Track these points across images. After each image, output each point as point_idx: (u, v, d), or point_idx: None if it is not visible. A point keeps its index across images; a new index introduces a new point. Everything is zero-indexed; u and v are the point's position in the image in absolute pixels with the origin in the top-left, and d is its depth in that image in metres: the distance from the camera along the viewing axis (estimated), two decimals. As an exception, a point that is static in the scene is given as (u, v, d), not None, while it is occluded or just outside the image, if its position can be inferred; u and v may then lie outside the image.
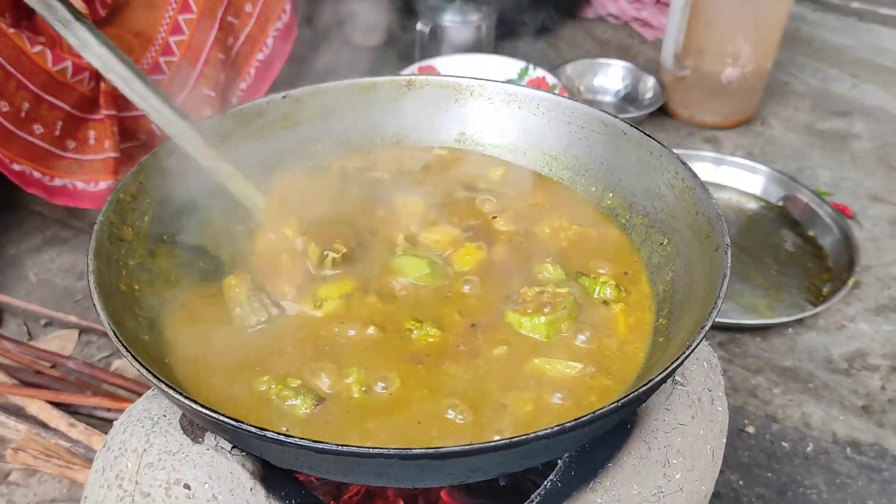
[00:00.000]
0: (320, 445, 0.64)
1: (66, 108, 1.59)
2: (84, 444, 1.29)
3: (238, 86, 1.81)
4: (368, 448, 0.64)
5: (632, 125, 1.01)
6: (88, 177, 1.67)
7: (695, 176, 0.92)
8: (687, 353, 0.70)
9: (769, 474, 1.46)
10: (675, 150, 1.02)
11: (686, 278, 0.90)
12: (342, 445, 0.64)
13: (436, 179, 1.11)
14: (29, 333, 1.68)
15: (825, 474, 1.47)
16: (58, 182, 1.66)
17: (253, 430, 0.65)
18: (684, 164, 0.94)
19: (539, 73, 2.36)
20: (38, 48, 1.49)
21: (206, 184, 0.99)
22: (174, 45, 1.71)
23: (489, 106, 1.13)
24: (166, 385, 0.68)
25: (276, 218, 0.98)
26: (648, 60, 2.70)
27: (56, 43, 1.54)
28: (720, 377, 0.93)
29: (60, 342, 1.66)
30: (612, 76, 2.54)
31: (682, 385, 0.87)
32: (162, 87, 1.69)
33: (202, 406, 0.66)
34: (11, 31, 1.46)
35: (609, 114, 1.04)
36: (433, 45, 2.47)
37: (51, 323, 1.71)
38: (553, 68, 2.46)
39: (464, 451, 0.64)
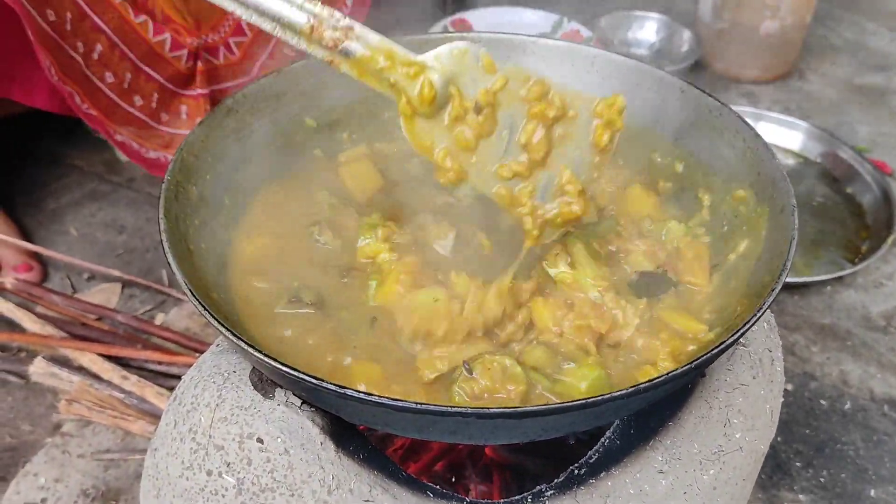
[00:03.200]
0: (400, 403, 0.65)
1: (162, 80, 1.62)
2: (137, 395, 1.31)
3: None
4: (447, 406, 0.65)
5: (690, 83, 1.00)
6: None
7: (757, 135, 0.92)
8: (759, 314, 0.71)
9: (807, 431, 1.48)
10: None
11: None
12: (421, 404, 0.65)
13: None
14: (73, 287, 1.71)
15: (862, 431, 1.48)
16: (152, 154, 1.70)
17: (333, 387, 0.66)
18: (746, 123, 0.94)
19: (573, 25, 2.33)
20: (141, 18, 1.53)
21: (264, 140, 1.00)
22: None
23: (542, 63, 1.12)
24: (246, 344, 0.69)
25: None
26: (682, 12, 2.65)
27: (154, 15, 1.57)
28: (777, 338, 0.94)
29: (104, 296, 1.68)
30: (646, 29, 2.51)
31: (743, 346, 0.88)
32: (242, 48, 1.73)
33: (284, 365, 0.67)
34: (118, 0, 1.49)
35: (666, 71, 1.03)
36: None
37: (93, 277, 1.73)
38: (587, 20, 2.42)
39: (540, 411, 0.65)
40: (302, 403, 0.80)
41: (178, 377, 1.38)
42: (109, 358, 1.39)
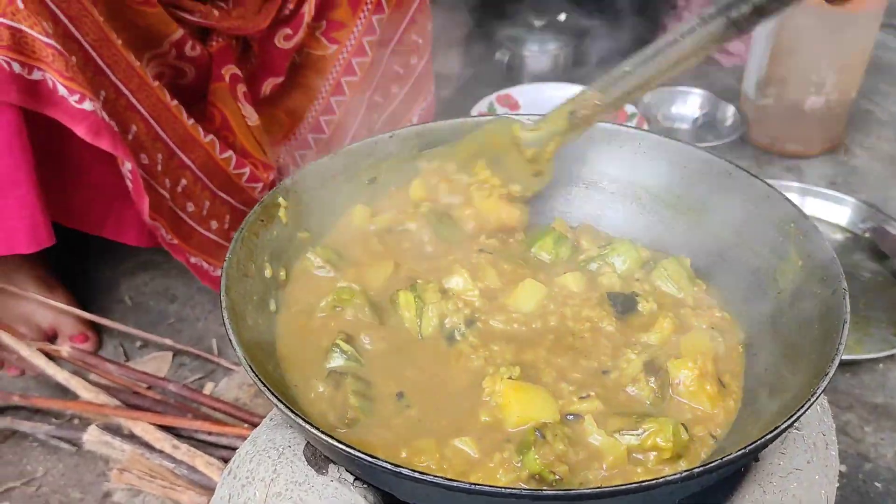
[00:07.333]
0: (455, 484, 0.66)
1: (235, 203, 1.67)
2: (188, 464, 1.33)
3: None
4: (501, 488, 0.66)
5: (738, 166, 1.02)
6: None
7: (806, 218, 0.93)
8: (813, 399, 0.71)
9: (863, 515, 1.44)
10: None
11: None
12: (475, 484, 0.66)
13: None
14: (126, 355, 1.75)
15: (920, 516, 1.44)
16: (218, 272, 1.74)
17: (388, 465, 0.67)
18: (794, 206, 0.94)
19: (617, 101, 2.36)
20: (226, 154, 1.58)
21: (322, 223, 1.04)
22: (324, 124, 1.79)
23: (587, 143, 1.14)
24: (302, 420, 0.71)
25: None
26: (726, 87, 2.68)
27: (237, 150, 1.62)
28: (831, 420, 0.93)
29: (156, 364, 1.72)
30: (689, 104, 2.53)
31: (797, 430, 0.87)
32: (307, 159, 1.79)
33: (339, 442, 0.69)
34: (208, 139, 1.54)
35: (714, 154, 1.05)
36: (511, 73, 2.51)
37: (146, 345, 1.77)
38: (630, 96, 2.45)
39: (595, 494, 0.65)
40: (355, 479, 0.81)
41: (228, 447, 1.39)
42: (161, 427, 1.41)
